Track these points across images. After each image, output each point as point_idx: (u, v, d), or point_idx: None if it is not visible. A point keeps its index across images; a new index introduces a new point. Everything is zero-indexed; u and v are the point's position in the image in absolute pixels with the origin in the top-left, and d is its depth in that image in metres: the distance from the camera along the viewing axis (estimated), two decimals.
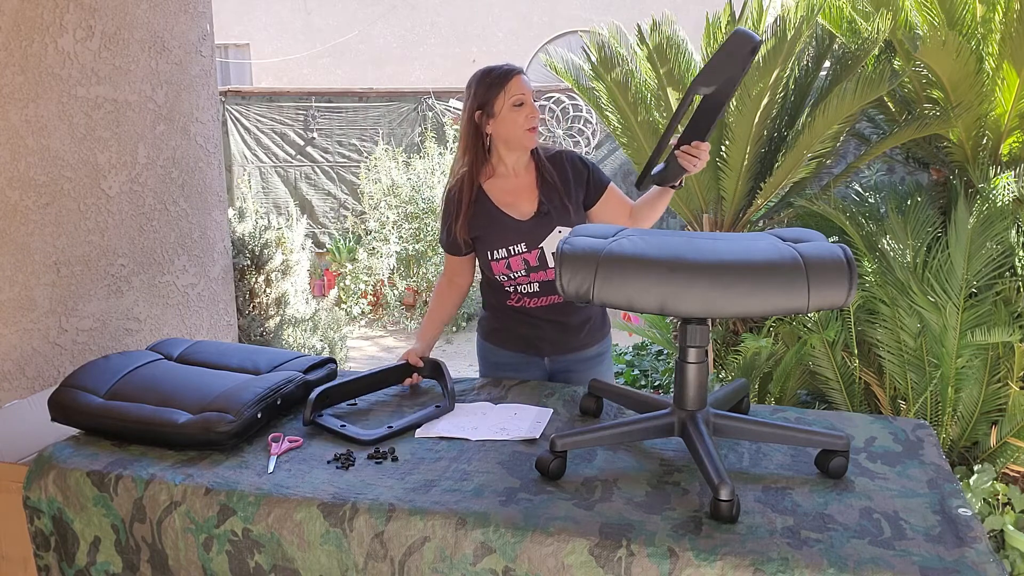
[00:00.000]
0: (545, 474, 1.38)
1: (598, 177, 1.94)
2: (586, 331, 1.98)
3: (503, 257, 1.88)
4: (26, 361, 2.14)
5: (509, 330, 1.98)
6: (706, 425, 1.38)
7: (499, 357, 2.01)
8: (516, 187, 1.91)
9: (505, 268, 1.89)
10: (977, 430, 2.71)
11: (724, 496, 1.23)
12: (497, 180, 1.92)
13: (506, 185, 1.92)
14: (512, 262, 1.88)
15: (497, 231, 1.88)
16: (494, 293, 1.98)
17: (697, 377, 1.39)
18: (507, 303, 1.95)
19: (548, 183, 1.89)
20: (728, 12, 3.43)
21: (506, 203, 1.90)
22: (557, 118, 7.23)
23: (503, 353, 2.00)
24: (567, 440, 1.39)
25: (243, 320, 3.70)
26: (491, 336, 2.03)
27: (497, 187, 1.92)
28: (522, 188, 1.91)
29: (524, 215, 1.88)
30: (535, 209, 1.88)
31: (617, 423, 1.49)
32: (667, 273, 1.27)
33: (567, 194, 1.90)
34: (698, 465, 1.32)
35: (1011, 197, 2.74)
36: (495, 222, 1.89)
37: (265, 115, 7.33)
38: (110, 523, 1.44)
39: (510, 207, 1.90)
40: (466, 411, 1.70)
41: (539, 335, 1.95)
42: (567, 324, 1.95)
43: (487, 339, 2.04)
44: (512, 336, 1.98)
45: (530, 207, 1.89)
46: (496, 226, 1.88)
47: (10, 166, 2.06)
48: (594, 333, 2.00)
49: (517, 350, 1.98)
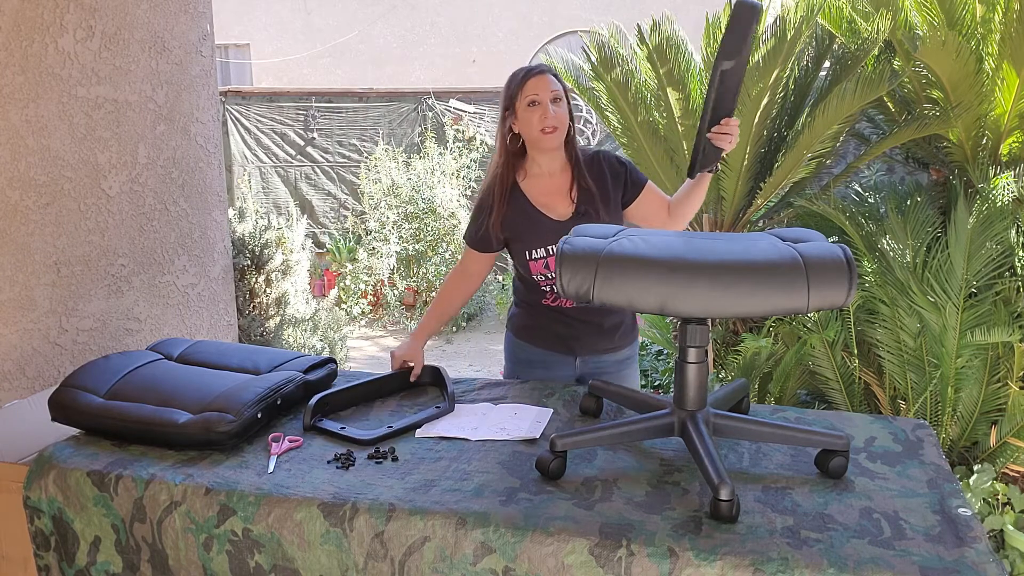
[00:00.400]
0: (545, 474, 1.38)
1: (636, 176, 1.94)
2: (619, 334, 1.98)
3: (542, 257, 1.89)
4: (26, 361, 2.14)
5: (543, 328, 1.98)
6: (706, 425, 1.38)
7: (530, 354, 2.01)
8: (552, 188, 1.92)
9: (543, 268, 1.89)
10: (977, 430, 2.71)
11: (724, 496, 1.23)
12: (533, 180, 1.93)
13: (542, 185, 1.93)
14: (551, 262, 1.88)
15: (536, 231, 1.89)
16: (529, 291, 1.98)
17: (697, 377, 1.39)
18: (542, 302, 1.95)
19: (584, 184, 1.90)
20: (728, 12, 3.43)
21: (543, 203, 1.91)
22: None
23: (535, 351, 2.00)
24: (567, 440, 1.39)
25: (243, 320, 3.70)
26: (523, 333, 2.02)
27: (534, 187, 1.93)
28: (558, 189, 1.92)
29: (562, 216, 1.89)
30: (572, 210, 1.89)
31: (617, 423, 1.49)
32: (667, 273, 1.27)
33: (604, 195, 1.90)
34: (698, 465, 1.32)
35: (1011, 197, 2.74)
36: (533, 222, 1.89)
37: (265, 115, 7.34)
38: (110, 523, 1.44)
39: (547, 207, 1.90)
40: (466, 411, 1.70)
41: (573, 334, 1.95)
42: (601, 325, 1.95)
43: (518, 335, 2.03)
44: (545, 334, 1.98)
45: (567, 208, 1.90)
46: (535, 226, 1.89)
47: (10, 166, 2.06)
48: (625, 336, 2.00)
49: (549, 348, 1.98)
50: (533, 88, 1.84)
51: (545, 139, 1.85)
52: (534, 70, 1.87)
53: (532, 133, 1.85)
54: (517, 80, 1.87)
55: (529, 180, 1.94)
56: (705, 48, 3.48)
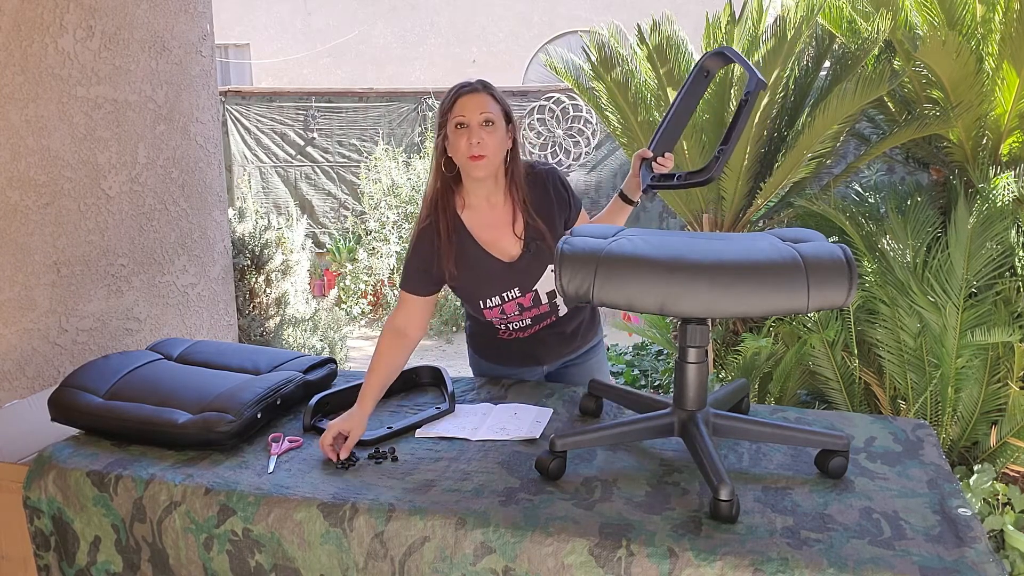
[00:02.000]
0: (545, 474, 1.38)
1: (576, 199, 1.82)
2: (580, 333, 1.92)
3: (497, 304, 1.76)
4: (26, 361, 2.14)
5: (505, 347, 1.88)
6: (706, 425, 1.38)
7: (495, 371, 1.94)
8: (494, 221, 1.73)
9: (500, 314, 1.78)
10: (977, 430, 2.71)
11: (724, 496, 1.23)
12: (473, 212, 1.73)
13: (483, 219, 1.73)
14: (507, 307, 1.76)
15: (487, 278, 1.73)
16: (482, 327, 1.88)
17: (697, 377, 1.39)
18: (497, 336, 1.86)
19: (530, 220, 1.72)
20: (728, 12, 3.43)
21: (487, 241, 1.72)
22: (557, 118, 7.23)
23: (500, 368, 1.93)
24: (567, 440, 1.39)
25: (243, 320, 3.70)
26: (484, 352, 1.94)
27: (475, 221, 1.73)
28: (501, 222, 1.73)
29: (511, 256, 1.72)
30: (520, 250, 1.72)
31: (617, 423, 1.49)
32: (667, 273, 1.27)
33: (551, 224, 1.74)
34: (698, 465, 1.32)
35: (1011, 197, 2.74)
36: (483, 267, 1.72)
37: (265, 115, 7.34)
38: (110, 523, 1.44)
39: (493, 247, 1.72)
40: (467, 411, 1.70)
41: (536, 350, 1.88)
42: (563, 334, 1.87)
43: (480, 354, 1.96)
44: (508, 353, 1.90)
45: (514, 247, 1.72)
46: (484, 272, 1.73)
47: (10, 166, 2.06)
48: (587, 332, 1.93)
49: (514, 365, 1.91)
50: (461, 108, 1.63)
51: (471, 166, 1.64)
52: (466, 87, 1.66)
53: (459, 158, 1.66)
54: (448, 97, 1.66)
55: (469, 212, 1.73)
56: (705, 48, 3.48)
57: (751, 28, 3.36)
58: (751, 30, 3.35)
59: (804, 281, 1.24)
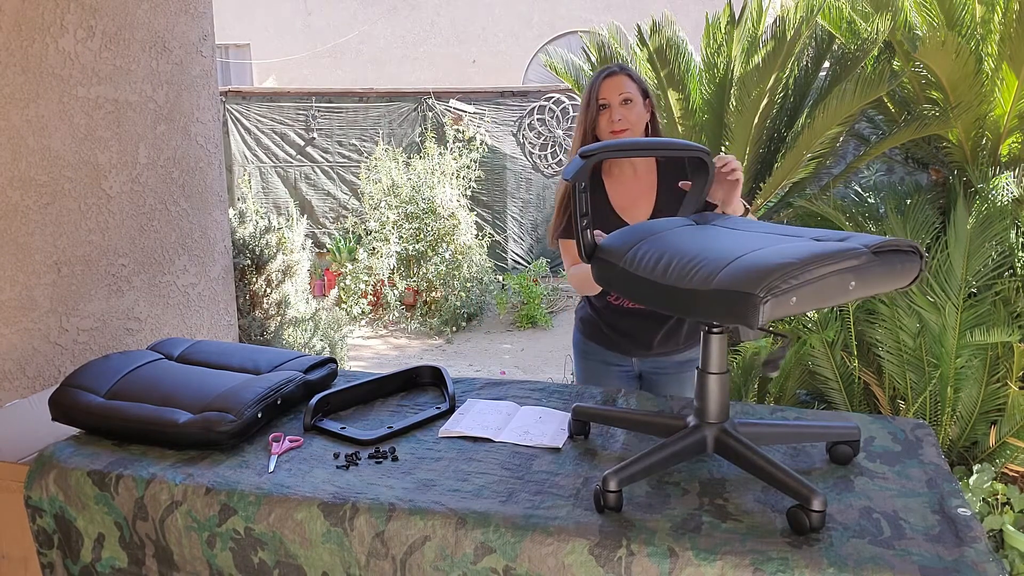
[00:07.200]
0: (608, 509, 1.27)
1: None
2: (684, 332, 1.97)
3: None
4: (26, 361, 2.14)
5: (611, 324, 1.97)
6: (740, 436, 1.33)
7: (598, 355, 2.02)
8: (634, 190, 1.90)
9: None
10: (976, 430, 2.71)
11: (818, 507, 1.17)
12: (615, 180, 1.92)
13: (624, 187, 1.91)
14: None
15: None
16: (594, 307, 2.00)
17: (720, 387, 1.35)
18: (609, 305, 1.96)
19: (668, 187, 1.86)
20: (728, 12, 3.44)
21: (622, 206, 1.90)
22: (557, 118, 7.24)
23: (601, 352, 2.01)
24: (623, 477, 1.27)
25: (244, 320, 3.70)
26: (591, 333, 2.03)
27: (617, 188, 1.91)
28: (641, 191, 1.90)
29: (638, 220, 1.85)
30: (650, 214, 1.87)
31: (657, 449, 1.35)
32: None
33: None
34: (767, 481, 1.26)
35: (1010, 197, 2.75)
36: (608, 226, 1.81)
37: (265, 115, 7.34)
38: (113, 520, 1.44)
39: (625, 211, 1.89)
40: (491, 408, 1.67)
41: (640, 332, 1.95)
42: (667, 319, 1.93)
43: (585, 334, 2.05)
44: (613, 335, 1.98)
45: (646, 211, 1.88)
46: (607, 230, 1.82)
47: (11, 166, 2.07)
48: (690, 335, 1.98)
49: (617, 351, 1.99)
50: (604, 91, 1.85)
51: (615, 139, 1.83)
52: (605, 72, 1.87)
53: (602, 136, 1.87)
54: (592, 81, 1.88)
55: (610, 179, 1.92)
56: (705, 48, 3.48)
57: (751, 29, 3.36)
58: (751, 31, 3.35)
59: None
